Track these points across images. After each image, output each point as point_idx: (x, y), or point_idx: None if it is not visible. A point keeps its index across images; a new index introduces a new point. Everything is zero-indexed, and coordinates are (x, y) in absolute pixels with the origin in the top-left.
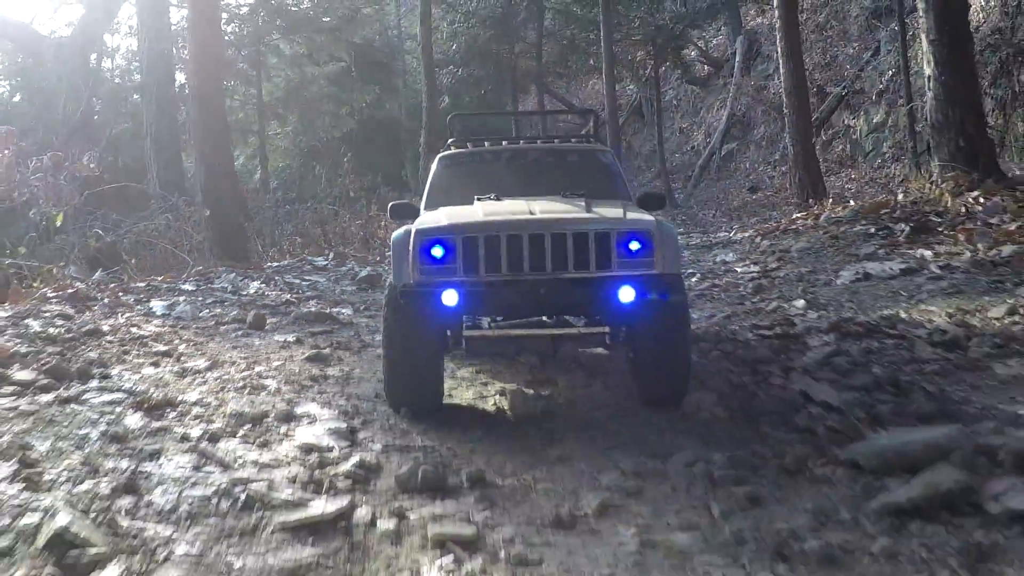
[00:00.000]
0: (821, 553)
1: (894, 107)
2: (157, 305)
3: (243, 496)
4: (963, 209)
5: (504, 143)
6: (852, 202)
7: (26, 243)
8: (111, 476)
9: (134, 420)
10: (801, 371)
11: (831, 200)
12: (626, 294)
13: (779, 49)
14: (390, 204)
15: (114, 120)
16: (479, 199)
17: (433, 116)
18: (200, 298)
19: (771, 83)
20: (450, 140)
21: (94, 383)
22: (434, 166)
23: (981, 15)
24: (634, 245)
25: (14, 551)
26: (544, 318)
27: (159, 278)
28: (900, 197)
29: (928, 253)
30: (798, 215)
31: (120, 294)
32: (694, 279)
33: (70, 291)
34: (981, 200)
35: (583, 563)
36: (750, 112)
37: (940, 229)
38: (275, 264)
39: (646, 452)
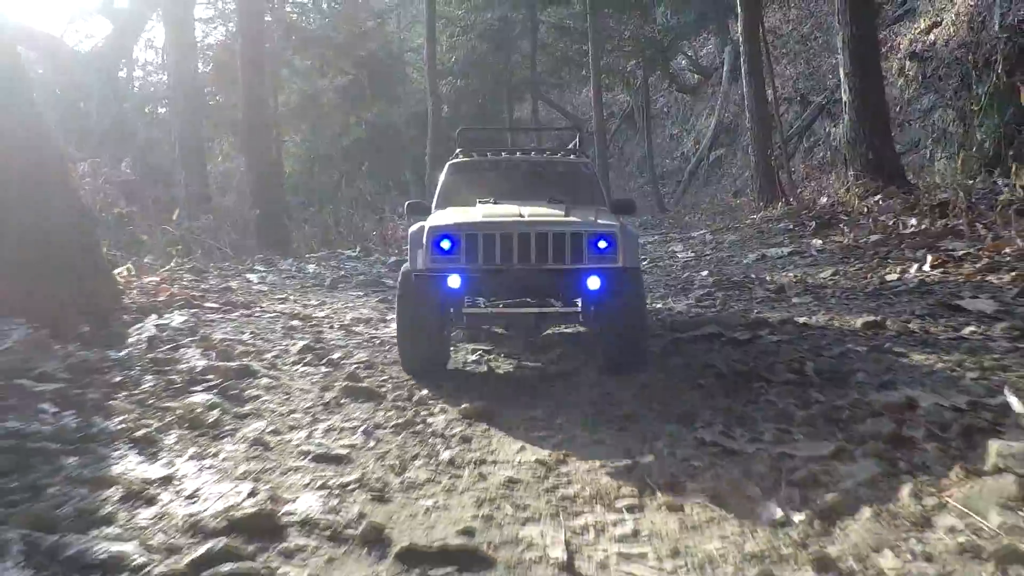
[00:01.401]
0: None
1: None
2: (252, 276)
3: (376, 341)
4: (865, 209)
5: (503, 154)
6: (793, 203)
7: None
8: (303, 339)
9: (295, 323)
10: (674, 299)
11: (782, 203)
12: (593, 282)
13: (743, 70)
14: (407, 203)
15: (144, 129)
16: (481, 202)
17: (438, 128)
18: (276, 274)
19: None
20: (458, 150)
21: (256, 310)
22: (444, 172)
23: (951, 29)
24: (602, 244)
25: (279, 357)
26: (529, 300)
27: (225, 264)
28: (823, 200)
29: (818, 242)
30: (753, 216)
31: (218, 271)
32: (645, 263)
33: (188, 267)
34: (880, 202)
35: (543, 367)
36: (737, 120)
37: (841, 225)
38: (315, 254)
39: (575, 337)
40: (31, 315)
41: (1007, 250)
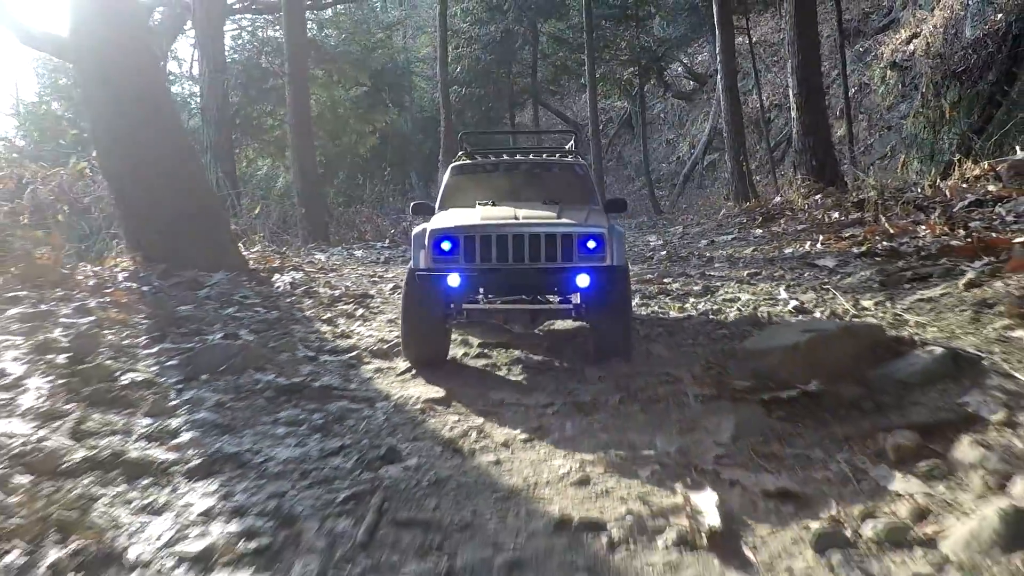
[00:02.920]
0: None
1: (854, 122)
2: (319, 256)
3: None
4: (806, 206)
5: (504, 156)
6: (753, 202)
7: None
8: (389, 284)
9: (375, 278)
10: (633, 264)
11: (749, 203)
12: (583, 280)
13: (719, 86)
14: (412, 204)
15: None
16: (480, 203)
17: (449, 136)
18: (336, 256)
19: (749, 98)
20: (461, 152)
21: (342, 272)
22: (447, 174)
23: (929, 39)
24: (591, 244)
25: (379, 291)
26: (525, 296)
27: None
28: (777, 199)
29: (758, 231)
30: (718, 214)
31: (290, 254)
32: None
33: (271, 250)
34: (819, 201)
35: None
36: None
37: (781, 219)
38: (354, 244)
39: None
40: (201, 270)
41: (878, 233)
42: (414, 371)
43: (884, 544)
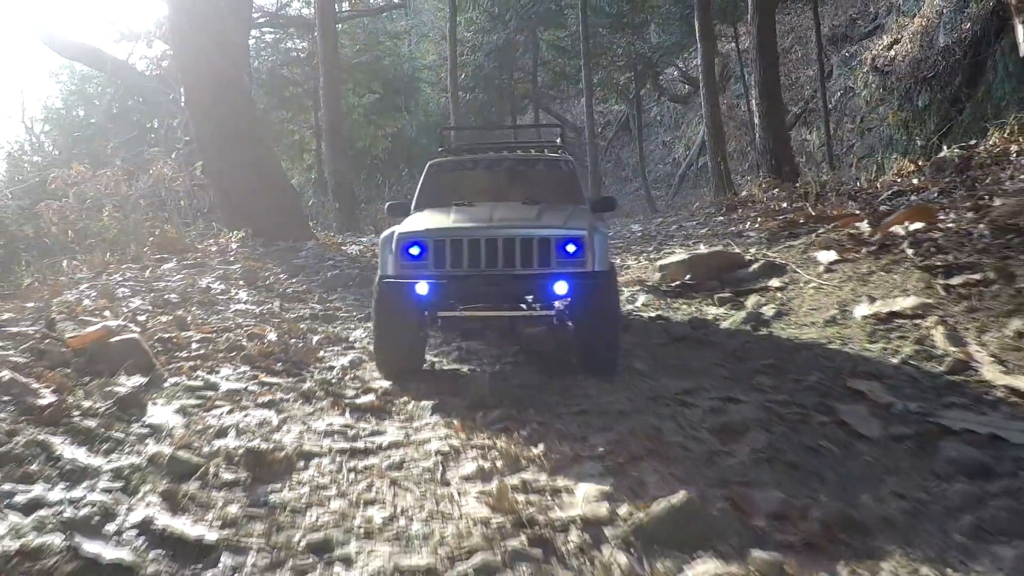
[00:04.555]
0: None
1: (840, 124)
2: (363, 240)
3: None
4: (765, 199)
5: (490, 152)
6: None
7: None
8: None
9: None
10: (614, 238)
11: (722, 197)
12: (561, 287)
13: (702, 95)
14: (387, 204)
15: None
16: (456, 204)
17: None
18: (374, 240)
19: (742, 102)
20: (440, 148)
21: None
22: (424, 171)
23: (908, 46)
24: (570, 248)
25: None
26: (504, 304)
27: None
28: (743, 194)
29: (720, 218)
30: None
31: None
32: (612, 234)
33: (322, 232)
34: (775, 194)
35: None
36: (724, 127)
37: (741, 209)
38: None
39: None
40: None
41: (802, 217)
42: None
43: (704, 324)
